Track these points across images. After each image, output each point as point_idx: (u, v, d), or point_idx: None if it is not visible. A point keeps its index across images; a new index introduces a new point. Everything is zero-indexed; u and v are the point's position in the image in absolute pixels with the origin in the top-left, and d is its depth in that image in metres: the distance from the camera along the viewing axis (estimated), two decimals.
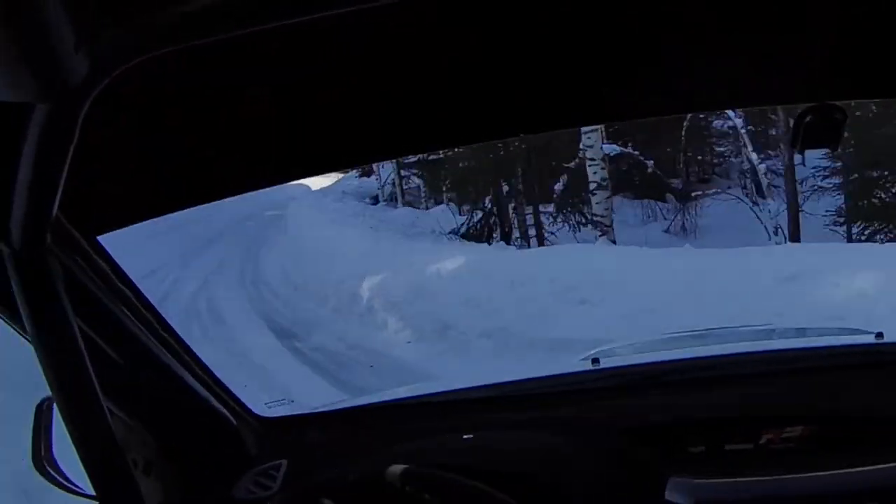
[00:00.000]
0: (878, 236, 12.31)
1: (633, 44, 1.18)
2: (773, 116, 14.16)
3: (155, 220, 1.58)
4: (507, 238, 15.08)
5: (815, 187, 13.46)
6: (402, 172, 19.39)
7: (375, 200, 20.59)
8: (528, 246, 14.61)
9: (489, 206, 15.83)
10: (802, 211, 13.31)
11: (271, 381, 7.02)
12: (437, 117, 1.41)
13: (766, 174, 13.91)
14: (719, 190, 15.30)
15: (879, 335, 2.22)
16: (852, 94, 1.61)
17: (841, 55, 1.23)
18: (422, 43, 1.16)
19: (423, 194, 19.95)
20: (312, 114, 1.31)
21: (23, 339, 1.26)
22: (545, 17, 1.13)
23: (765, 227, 13.00)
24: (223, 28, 0.86)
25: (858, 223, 12.78)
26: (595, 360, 2.32)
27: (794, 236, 12.76)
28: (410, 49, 1.16)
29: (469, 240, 14.24)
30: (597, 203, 13.21)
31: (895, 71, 1.27)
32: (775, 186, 14.28)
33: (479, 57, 1.21)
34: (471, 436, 1.99)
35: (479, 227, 15.46)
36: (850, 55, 1.23)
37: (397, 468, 1.73)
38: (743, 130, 13.56)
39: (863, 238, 12.41)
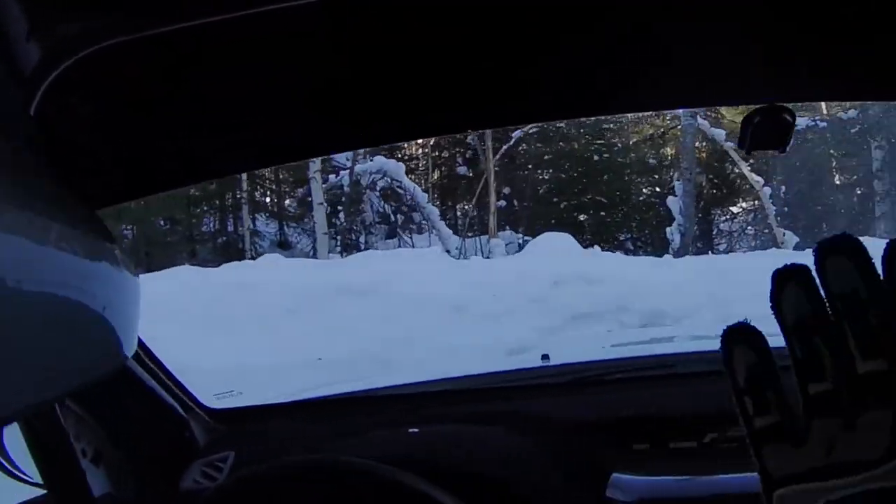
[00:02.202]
0: None
1: (582, 41, 1.16)
2: None
3: None
4: None
5: None
6: None
7: None
8: None
9: None
10: None
11: None
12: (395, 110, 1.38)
13: None
14: None
15: None
16: (801, 96, 1.59)
17: (790, 56, 1.22)
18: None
19: None
20: (282, 101, 1.28)
21: None
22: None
23: None
24: (172, 19, 0.86)
25: None
26: (545, 357, 2.33)
27: None
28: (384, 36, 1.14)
29: None
30: None
31: (843, 72, 1.27)
32: None
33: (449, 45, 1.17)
34: (416, 430, 2.00)
35: None
36: (800, 56, 1.22)
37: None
38: None
39: None
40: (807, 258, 0.56)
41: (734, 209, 19.95)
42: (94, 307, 0.66)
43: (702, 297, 8.49)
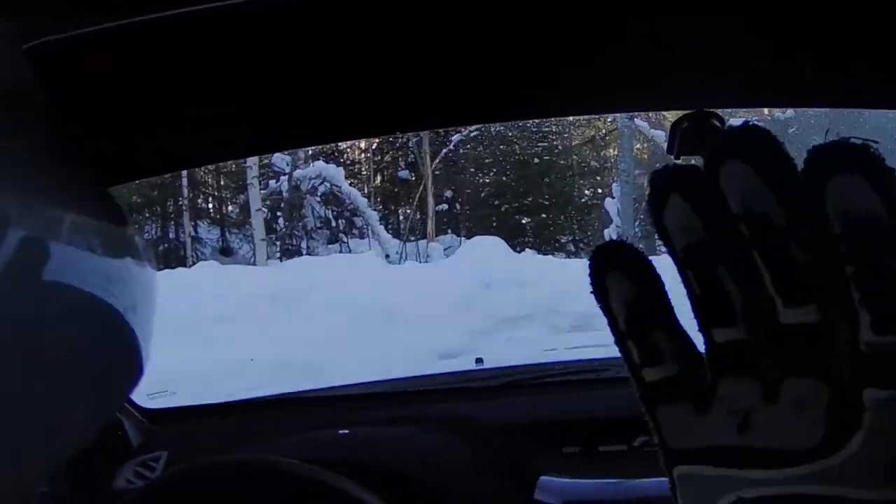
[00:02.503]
0: None
1: (511, 42, 1.13)
2: None
3: None
4: None
5: None
6: None
7: None
8: None
9: None
10: None
11: None
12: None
13: None
14: None
15: None
16: (731, 102, 1.58)
17: (720, 62, 1.20)
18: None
19: None
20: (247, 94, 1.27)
21: None
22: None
23: None
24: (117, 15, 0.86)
25: None
26: (479, 360, 2.35)
27: None
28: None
29: None
30: None
31: (772, 79, 1.27)
32: None
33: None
34: (346, 431, 2.02)
35: None
36: (730, 62, 1.20)
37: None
38: None
39: None
40: None
41: None
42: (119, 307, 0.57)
43: None
